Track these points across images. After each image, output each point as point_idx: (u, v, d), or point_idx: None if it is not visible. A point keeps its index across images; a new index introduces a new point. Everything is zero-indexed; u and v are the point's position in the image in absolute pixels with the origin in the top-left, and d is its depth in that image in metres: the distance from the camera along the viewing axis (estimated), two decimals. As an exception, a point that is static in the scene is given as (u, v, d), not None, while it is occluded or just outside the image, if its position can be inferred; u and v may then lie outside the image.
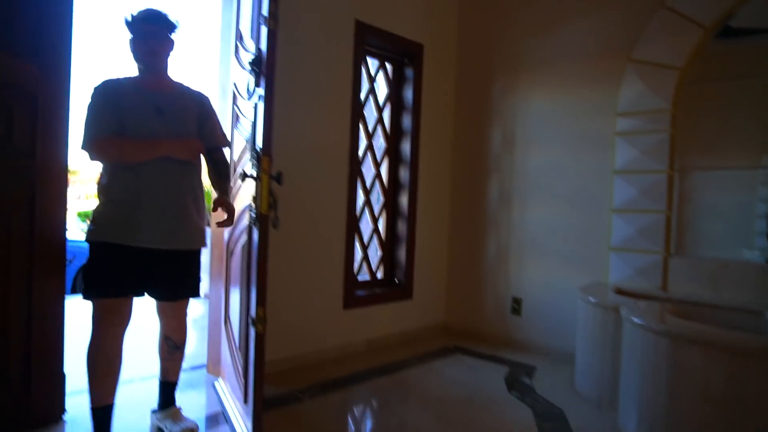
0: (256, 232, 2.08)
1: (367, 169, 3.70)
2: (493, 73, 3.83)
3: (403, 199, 3.78)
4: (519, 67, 3.69)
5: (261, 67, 2.29)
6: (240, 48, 2.62)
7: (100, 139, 1.87)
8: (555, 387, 2.91)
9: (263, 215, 2.08)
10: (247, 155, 2.36)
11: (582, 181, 3.38)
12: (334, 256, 3.28)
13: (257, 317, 2.10)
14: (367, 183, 3.66)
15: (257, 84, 2.36)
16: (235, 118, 2.76)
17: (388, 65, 3.74)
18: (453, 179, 4.08)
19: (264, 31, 2.26)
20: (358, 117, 3.35)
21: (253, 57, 2.40)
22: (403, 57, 3.74)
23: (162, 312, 2.15)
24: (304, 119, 3.06)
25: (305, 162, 3.07)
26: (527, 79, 3.65)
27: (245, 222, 2.24)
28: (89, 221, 1.96)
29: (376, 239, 3.76)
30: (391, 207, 3.81)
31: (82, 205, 13.17)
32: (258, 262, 2.15)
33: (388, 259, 3.83)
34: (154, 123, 1.95)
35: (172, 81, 2.09)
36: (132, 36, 1.99)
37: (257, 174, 2.17)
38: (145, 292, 2.03)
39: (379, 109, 3.70)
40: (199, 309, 4.48)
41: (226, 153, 2.28)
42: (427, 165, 3.86)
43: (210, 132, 2.17)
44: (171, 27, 2.03)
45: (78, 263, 5.00)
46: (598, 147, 3.29)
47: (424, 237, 3.87)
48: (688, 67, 2.98)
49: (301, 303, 3.10)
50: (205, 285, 3.31)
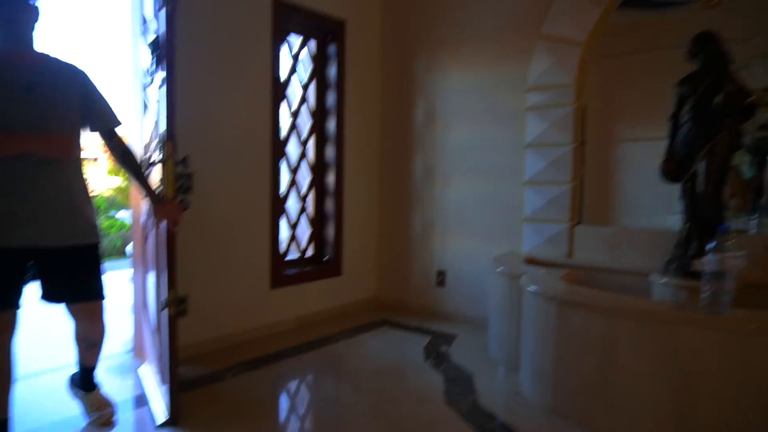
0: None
1: (295, 148, 3.72)
2: (417, 49, 3.88)
3: (330, 178, 3.83)
4: (440, 43, 3.75)
5: (161, 50, 2.28)
6: (146, 31, 2.58)
7: None
8: (470, 354, 3.07)
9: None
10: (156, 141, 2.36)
11: (498, 155, 3.50)
12: (259, 236, 3.32)
13: (169, 300, 2.14)
14: (293, 162, 3.68)
15: (159, 67, 2.35)
16: (144, 104, 2.74)
17: (312, 42, 3.73)
18: (381, 156, 4.15)
19: (162, 13, 2.24)
20: (279, 96, 3.35)
21: (153, 39, 2.38)
22: (327, 34, 3.74)
23: (74, 314, 2.00)
24: (222, 100, 3.05)
25: (225, 143, 3.07)
26: (447, 56, 3.72)
27: (155, 206, 2.25)
28: None
29: (304, 218, 3.80)
30: (319, 185, 3.85)
31: None
32: (167, 246, 2.18)
33: (317, 238, 3.89)
34: (20, 104, 1.71)
35: (42, 54, 1.83)
36: None
37: (163, 159, 2.18)
38: (50, 297, 1.90)
39: (303, 88, 3.70)
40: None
41: (124, 138, 2.08)
42: (355, 142, 3.91)
43: (99, 113, 1.94)
44: None
45: None
46: (511, 122, 3.41)
47: (352, 214, 3.95)
48: (590, 42, 3.11)
49: (227, 284, 3.14)
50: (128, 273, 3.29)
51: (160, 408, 2.24)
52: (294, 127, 3.66)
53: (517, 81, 3.36)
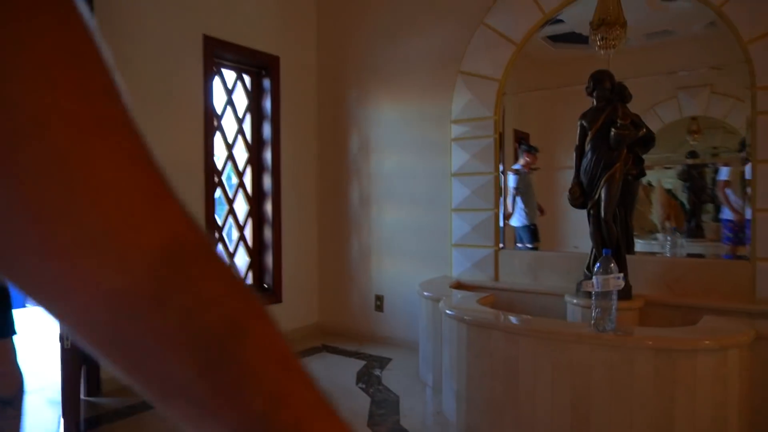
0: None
1: (231, 179, 3.79)
2: (349, 83, 4.05)
3: (268, 207, 3.91)
4: (371, 77, 3.93)
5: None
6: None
7: None
8: (401, 376, 3.17)
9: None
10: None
11: (427, 184, 3.67)
12: (192, 266, 3.35)
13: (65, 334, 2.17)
14: (230, 192, 3.75)
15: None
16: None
17: (246, 77, 3.85)
18: (319, 185, 4.26)
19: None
20: (211, 128, 3.43)
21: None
22: (261, 69, 3.86)
23: None
24: (152, 132, 3.09)
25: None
26: (378, 88, 3.90)
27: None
28: None
29: (242, 246, 3.86)
30: (257, 214, 3.93)
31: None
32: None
33: (256, 266, 3.94)
34: None
35: None
36: None
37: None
38: None
39: (239, 120, 3.80)
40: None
41: None
42: (292, 172, 4.01)
43: None
44: None
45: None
46: (438, 152, 3.59)
47: (291, 242, 4.02)
48: (505, 79, 3.33)
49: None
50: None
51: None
52: (231, 158, 3.75)
53: (443, 113, 3.55)
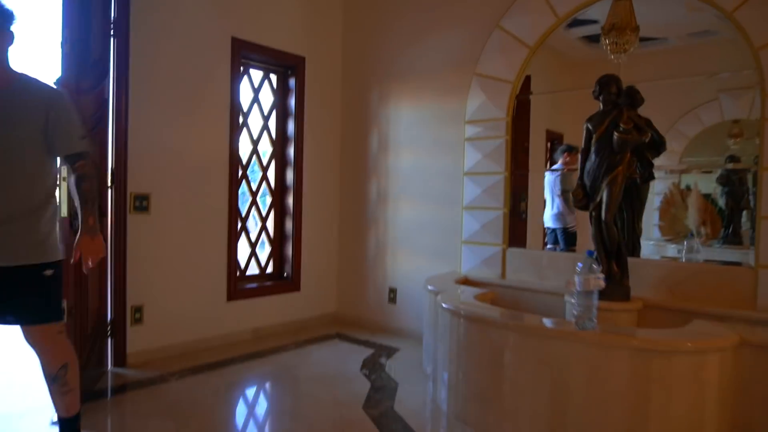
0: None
1: (257, 173, 4.02)
2: (372, 82, 4.19)
3: (290, 200, 4.11)
4: (392, 78, 4.06)
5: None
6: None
7: None
8: (405, 366, 3.30)
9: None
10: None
11: (441, 182, 3.77)
12: (215, 252, 3.59)
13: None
14: (254, 185, 3.98)
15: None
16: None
17: (273, 76, 4.06)
18: (341, 180, 4.43)
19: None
20: (236, 125, 3.66)
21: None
22: (287, 69, 4.06)
23: (26, 340, 1.92)
24: (181, 128, 3.36)
25: (184, 167, 3.38)
26: (398, 89, 4.03)
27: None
28: None
29: (265, 236, 4.08)
30: (279, 207, 4.14)
31: None
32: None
33: (277, 256, 4.16)
34: None
35: (14, 75, 1.86)
36: None
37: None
38: None
39: (264, 117, 4.01)
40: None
41: (89, 166, 1.97)
42: (314, 167, 4.20)
43: (60, 136, 1.88)
44: (5, 17, 1.81)
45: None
46: (452, 151, 3.69)
47: (312, 234, 4.22)
48: (518, 81, 3.39)
49: (183, 296, 3.40)
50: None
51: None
52: (256, 153, 3.97)
53: (457, 114, 3.65)
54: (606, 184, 2.75)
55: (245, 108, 3.87)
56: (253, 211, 3.99)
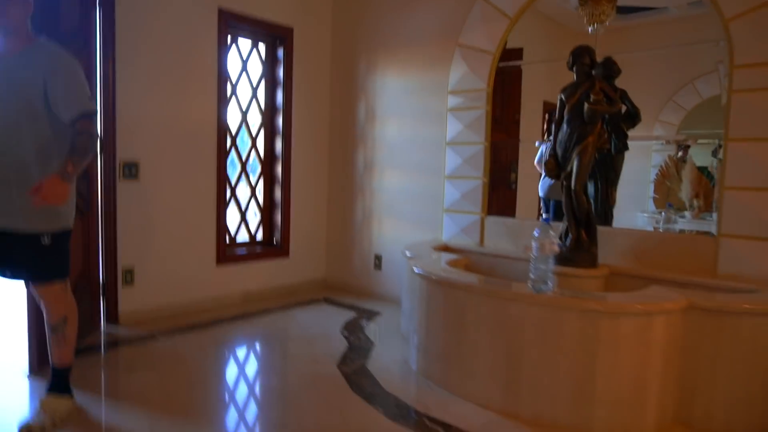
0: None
1: (246, 141, 4.11)
2: (359, 52, 4.23)
3: (279, 169, 4.21)
4: (379, 48, 4.09)
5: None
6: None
7: None
8: (384, 328, 3.45)
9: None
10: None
11: (425, 151, 3.85)
12: (204, 218, 3.72)
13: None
14: (244, 154, 4.07)
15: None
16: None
17: (261, 45, 4.11)
18: (330, 150, 4.52)
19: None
20: (224, 94, 3.73)
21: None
22: (275, 39, 4.11)
23: (31, 292, 2.13)
24: (169, 97, 3.45)
25: (172, 135, 3.48)
26: (384, 59, 4.06)
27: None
28: None
29: (254, 204, 4.20)
30: (268, 175, 4.24)
31: None
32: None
33: (266, 222, 4.29)
34: None
35: (29, 41, 1.93)
36: None
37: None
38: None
39: (253, 87, 4.08)
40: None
41: (87, 126, 1.96)
42: (303, 137, 4.29)
43: (61, 97, 1.90)
44: None
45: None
46: (436, 121, 3.75)
47: (300, 201, 4.33)
48: (499, 52, 3.42)
49: (173, 259, 3.55)
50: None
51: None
52: (245, 122, 4.05)
53: (441, 84, 3.69)
54: (576, 154, 2.82)
55: (234, 78, 3.93)
56: (243, 179, 4.10)
